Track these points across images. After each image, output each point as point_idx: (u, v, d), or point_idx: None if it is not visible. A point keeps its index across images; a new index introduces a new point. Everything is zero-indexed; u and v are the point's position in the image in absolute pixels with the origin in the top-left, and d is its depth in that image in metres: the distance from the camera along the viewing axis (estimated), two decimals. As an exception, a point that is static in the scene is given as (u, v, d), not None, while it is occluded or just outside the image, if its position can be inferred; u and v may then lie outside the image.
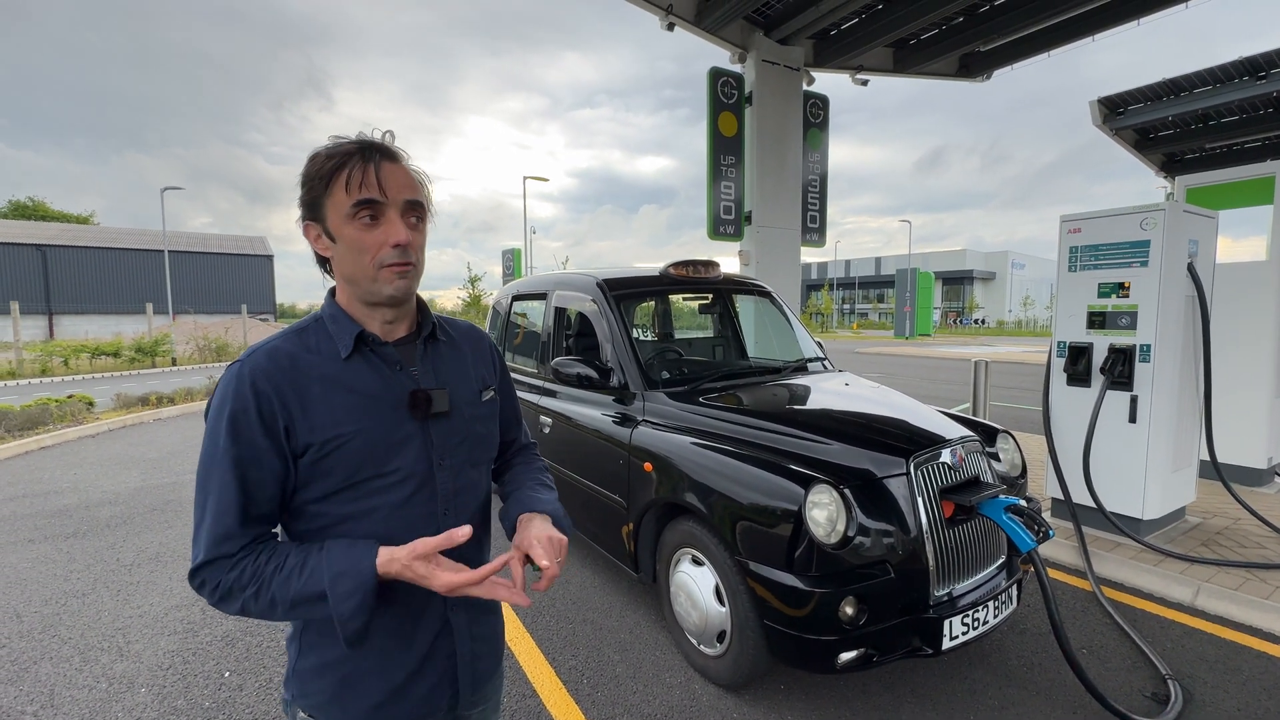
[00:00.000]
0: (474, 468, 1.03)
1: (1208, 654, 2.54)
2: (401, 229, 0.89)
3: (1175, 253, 3.27)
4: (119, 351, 17.74)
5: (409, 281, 0.92)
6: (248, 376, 0.86)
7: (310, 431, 0.87)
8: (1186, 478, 3.65)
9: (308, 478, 0.89)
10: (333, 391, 0.90)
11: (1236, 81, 9.34)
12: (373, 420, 0.91)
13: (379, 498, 0.91)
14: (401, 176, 0.90)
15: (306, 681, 0.94)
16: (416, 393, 0.95)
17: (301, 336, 0.93)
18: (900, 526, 2.10)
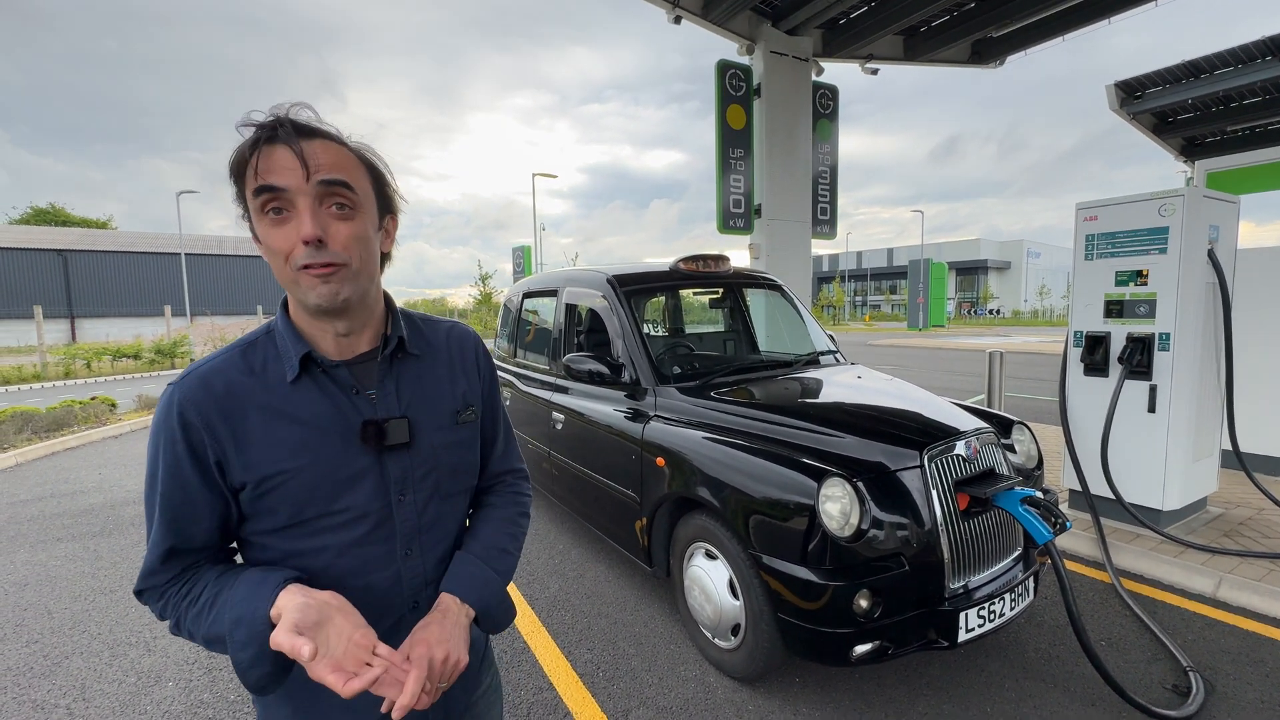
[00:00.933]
0: (444, 500, 0.91)
1: (1230, 646, 2.51)
2: (308, 221, 0.72)
3: (1195, 239, 3.21)
4: (139, 353, 18.08)
5: (335, 286, 0.76)
6: (176, 406, 0.77)
7: (245, 469, 0.77)
8: (1208, 467, 3.59)
9: (251, 512, 0.80)
10: (273, 422, 0.79)
11: (1259, 62, 9.08)
12: (318, 455, 0.80)
13: (328, 536, 0.81)
14: (318, 155, 0.73)
15: (269, 709, 0.87)
16: (368, 424, 0.82)
17: (245, 355, 0.82)
18: (914, 519, 2.09)
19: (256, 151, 0.72)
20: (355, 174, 0.78)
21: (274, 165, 0.72)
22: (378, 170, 0.83)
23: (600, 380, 3.08)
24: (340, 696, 0.70)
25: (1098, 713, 2.12)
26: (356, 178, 0.78)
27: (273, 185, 0.72)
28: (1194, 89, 9.89)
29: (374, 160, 0.82)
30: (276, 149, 0.72)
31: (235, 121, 0.74)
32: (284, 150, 0.72)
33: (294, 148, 0.72)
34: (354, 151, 0.79)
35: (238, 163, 0.74)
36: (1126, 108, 10.68)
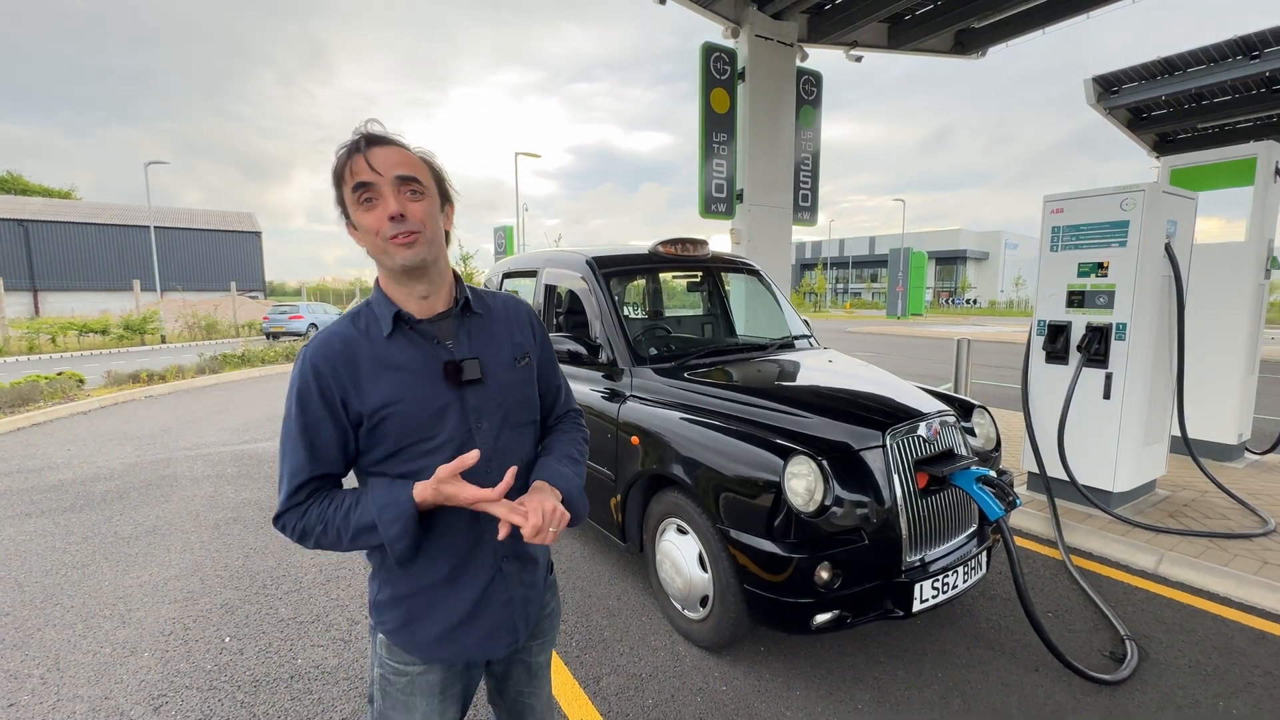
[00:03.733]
0: (514, 429, 1.13)
1: (1166, 617, 2.68)
2: (392, 201, 0.97)
3: (1153, 233, 3.34)
4: (107, 329, 17.61)
5: (416, 250, 1.00)
6: (309, 360, 1.01)
7: (362, 404, 1.01)
8: (1158, 452, 3.77)
9: (367, 444, 1.04)
10: (378, 369, 1.02)
11: (1230, 61, 9.29)
12: (413, 392, 1.03)
13: (425, 460, 1.03)
14: (391, 156, 0.98)
15: (383, 610, 1.11)
16: (448, 363, 1.05)
17: (354, 321, 1.06)
18: (875, 496, 2.18)
19: (347, 162, 0.98)
20: (420, 170, 1.02)
21: (362, 168, 0.97)
22: (436, 169, 1.07)
23: (578, 360, 3.13)
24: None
25: (1040, 678, 2.26)
26: (422, 173, 1.02)
27: (364, 181, 0.97)
28: (1167, 86, 10.09)
29: (433, 161, 1.06)
30: (360, 157, 0.97)
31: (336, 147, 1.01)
32: (376, 153, 0.98)
33: (377, 153, 0.98)
34: (416, 154, 1.03)
35: (337, 172, 1.00)
36: (1103, 102, 10.86)
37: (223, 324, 21.22)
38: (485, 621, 1.12)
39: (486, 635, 1.12)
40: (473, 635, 1.11)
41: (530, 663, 1.25)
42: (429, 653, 1.10)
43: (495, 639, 1.13)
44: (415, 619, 1.09)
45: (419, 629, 1.09)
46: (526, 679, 1.26)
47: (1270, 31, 8.48)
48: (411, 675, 1.11)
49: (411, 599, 1.09)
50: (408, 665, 1.11)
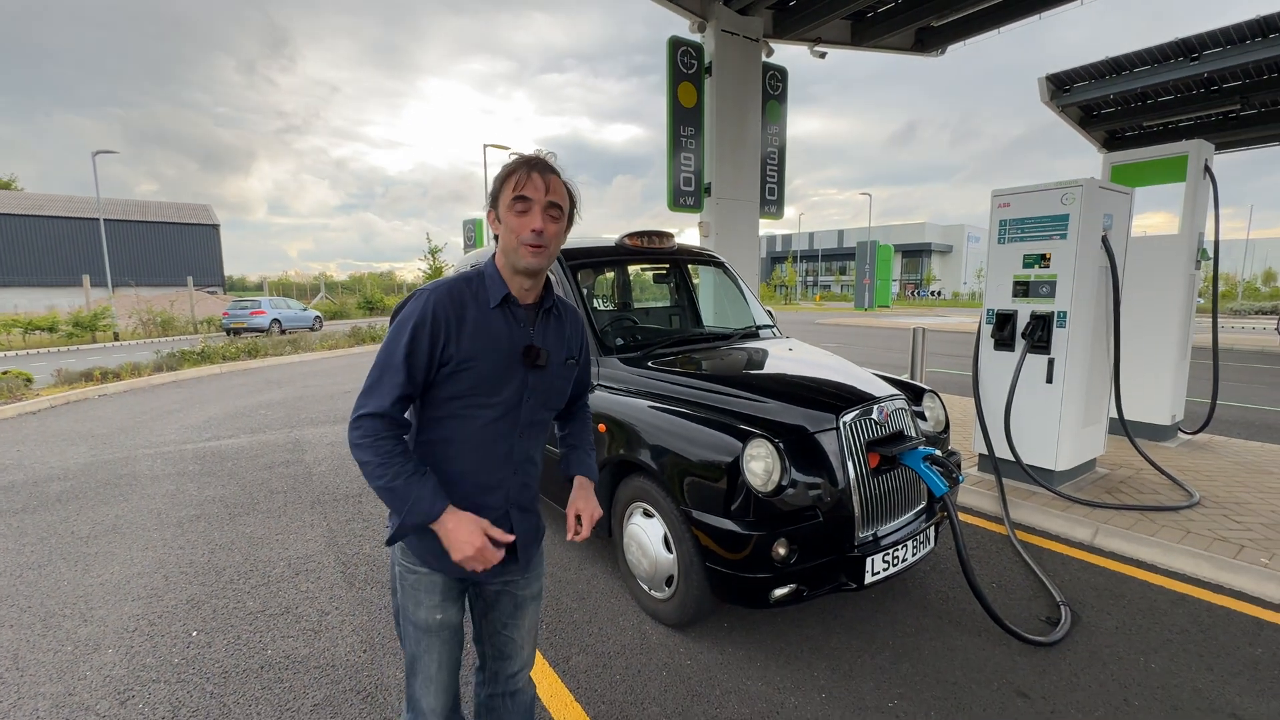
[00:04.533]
0: (546, 410, 1.39)
1: (1098, 584, 2.88)
2: (539, 219, 1.22)
3: (1091, 226, 3.54)
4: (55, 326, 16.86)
5: (540, 260, 1.24)
6: (433, 302, 1.22)
7: (457, 350, 1.22)
8: (1096, 433, 4.01)
9: (446, 380, 1.24)
10: (478, 328, 1.25)
11: (1172, 62, 9.74)
12: (496, 356, 1.26)
13: (482, 412, 1.27)
14: (550, 183, 1.23)
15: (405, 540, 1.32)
16: (531, 347, 1.29)
17: (469, 283, 1.28)
18: (829, 476, 2.30)
19: (517, 173, 1.22)
20: (565, 200, 1.27)
21: (529, 186, 1.22)
22: (575, 198, 1.31)
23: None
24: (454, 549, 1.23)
25: (982, 642, 2.42)
26: (565, 202, 1.27)
27: (525, 195, 1.22)
28: (1115, 85, 10.52)
29: (575, 192, 1.31)
30: (533, 175, 1.22)
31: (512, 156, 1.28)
32: (537, 178, 1.22)
33: (542, 177, 1.23)
34: (566, 183, 1.27)
35: (505, 175, 1.24)
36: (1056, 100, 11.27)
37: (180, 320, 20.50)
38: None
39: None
40: None
41: (517, 595, 1.43)
42: (435, 564, 1.31)
43: (496, 567, 1.33)
44: (427, 532, 1.26)
45: (432, 542, 1.27)
46: (512, 610, 1.44)
47: (1209, 34, 8.94)
48: (419, 575, 1.33)
49: (428, 535, 1.27)
50: (416, 567, 1.32)
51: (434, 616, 1.34)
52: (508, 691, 1.49)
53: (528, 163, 1.24)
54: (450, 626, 1.37)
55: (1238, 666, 2.25)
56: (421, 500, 1.19)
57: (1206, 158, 4.61)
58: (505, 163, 1.28)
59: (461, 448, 1.28)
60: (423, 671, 1.36)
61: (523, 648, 1.48)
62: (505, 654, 1.47)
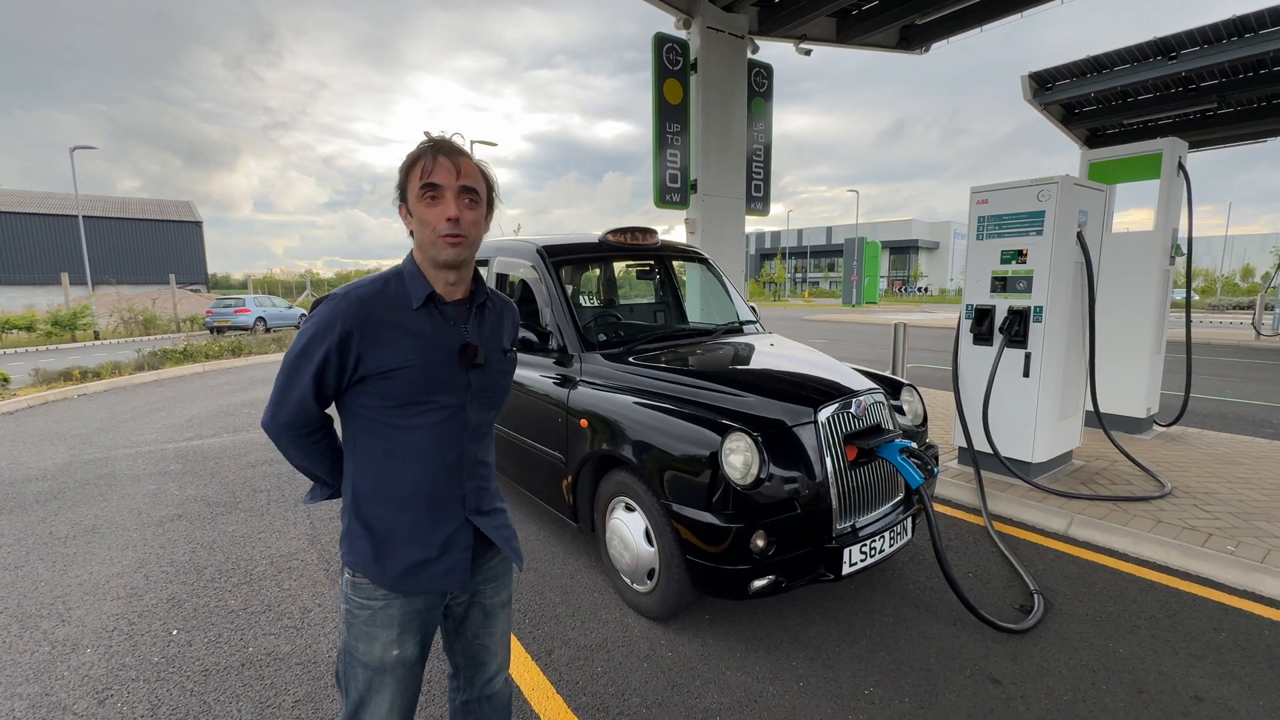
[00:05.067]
0: (491, 409, 1.32)
1: (1071, 572, 2.94)
2: (452, 205, 1.14)
3: (1066, 223, 3.61)
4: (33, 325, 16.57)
5: (460, 250, 1.17)
6: (340, 312, 1.13)
7: (378, 360, 1.15)
8: (1072, 425, 4.09)
9: (374, 390, 1.17)
10: (401, 334, 1.17)
11: (1151, 61, 9.89)
12: (428, 359, 1.18)
13: (423, 418, 1.19)
14: (461, 166, 1.15)
15: (355, 542, 1.23)
16: (468, 345, 1.22)
17: (385, 285, 1.19)
18: (807, 469, 2.34)
19: (422, 159, 1.14)
20: (479, 183, 1.19)
21: (437, 170, 1.13)
22: (491, 182, 1.23)
23: (530, 348, 3.19)
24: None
25: (957, 630, 2.47)
26: (480, 186, 1.19)
27: (434, 183, 1.14)
28: (1096, 83, 10.67)
29: (490, 175, 1.23)
30: (440, 159, 1.14)
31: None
32: (444, 161, 1.14)
33: (450, 160, 1.14)
34: (479, 166, 1.19)
35: (409, 164, 1.16)
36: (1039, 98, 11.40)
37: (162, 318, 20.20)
38: (447, 560, 1.25)
39: (446, 571, 1.26)
40: (435, 570, 1.25)
41: (486, 604, 1.38)
42: (394, 585, 1.22)
43: (453, 575, 1.26)
44: (386, 554, 1.21)
45: (387, 563, 1.21)
46: (483, 620, 1.39)
47: (1186, 34, 9.09)
48: (374, 609, 1.23)
49: (385, 536, 1.22)
50: (371, 600, 1.23)
51: (390, 653, 1.23)
52: (484, 695, 1.45)
53: (433, 146, 1.15)
54: (407, 663, 1.26)
55: (1202, 650, 2.32)
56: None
57: (1180, 155, 4.70)
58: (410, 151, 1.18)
59: (406, 461, 1.19)
60: (370, 714, 1.24)
61: (497, 653, 1.44)
62: (480, 661, 1.42)
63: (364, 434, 1.21)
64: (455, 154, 1.16)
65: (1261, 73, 9.32)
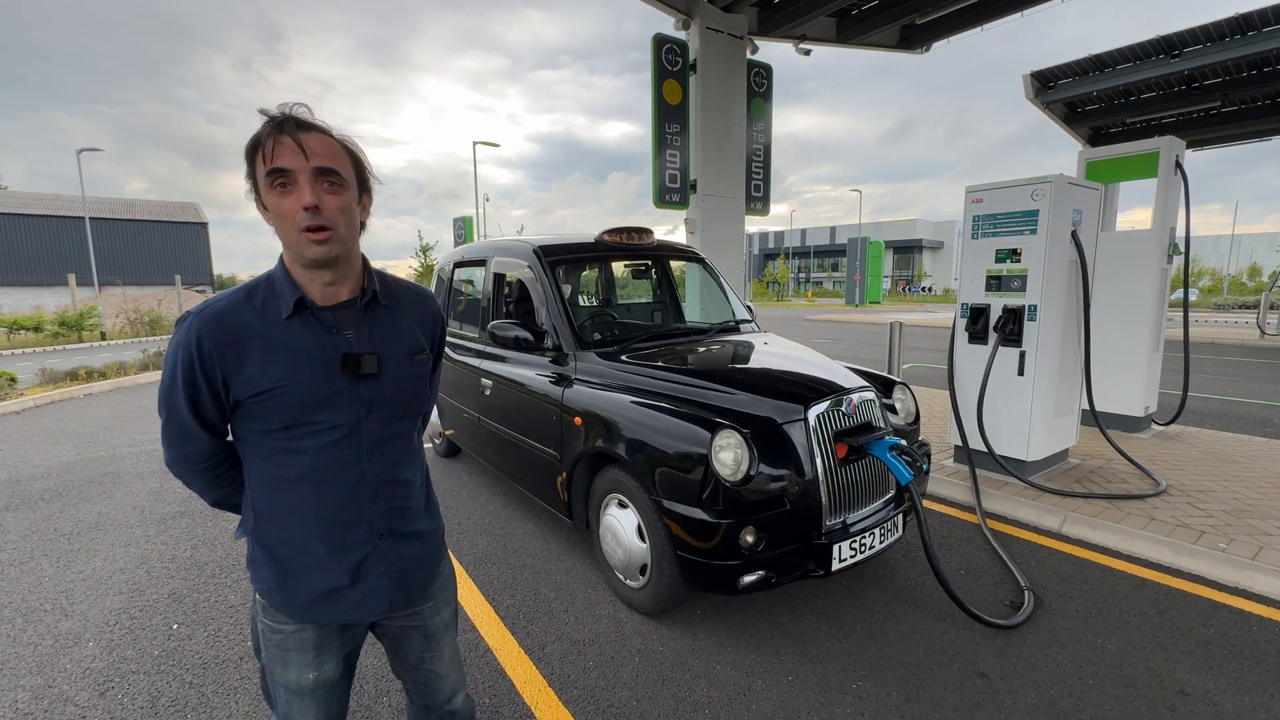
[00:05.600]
0: (401, 419, 1.16)
1: (1063, 569, 2.96)
2: (308, 192, 0.96)
3: (1060, 222, 3.61)
4: (40, 325, 16.70)
5: (328, 248, 1.00)
6: (195, 332, 1.00)
7: (245, 382, 1.02)
8: (1068, 424, 4.09)
9: (251, 415, 1.05)
10: (270, 349, 1.02)
11: (1153, 59, 9.85)
12: (305, 375, 1.03)
13: (311, 439, 1.06)
14: (313, 144, 0.97)
15: (259, 569, 1.14)
16: (347, 356, 1.07)
17: (250, 296, 1.05)
18: (796, 466, 2.36)
19: (264, 141, 0.95)
20: (342, 161, 1.01)
21: (282, 151, 0.95)
22: (358, 158, 1.06)
23: (525, 346, 3.22)
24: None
25: (946, 626, 2.49)
26: (343, 164, 1.01)
27: (281, 167, 0.96)
28: (1098, 82, 10.63)
29: (355, 150, 1.05)
30: (284, 139, 0.95)
31: (257, 116, 0.98)
32: (289, 140, 0.95)
33: (296, 139, 0.96)
34: (339, 142, 1.02)
35: (252, 147, 0.97)
36: (1041, 97, 11.37)
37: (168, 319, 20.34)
38: (361, 589, 1.14)
39: (360, 601, 1.15)
40: (348, 600, 1.14)
41: (426, 626, 1.27)
42: (302, 614, 1.13)
43: (369, 605, 1.16)
44: (290, 582, 1.11)
45: (292, 592, 1.12)
46: (425, 643, 1.28)
47: (1189, 32, 9.05)
48: (285, 634, 1.14)
49: (288, 563, 1.11)
50: (282, 624, 1.14)
51: (306, 677, 1.15)
52: (445, 715, 1.38)
53: (274, 124, 0.96)
54: (327, 685, 1.18)
55: (1190, 646, 2.33)
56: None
57: (1177, 154, 4.69)
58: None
59: (300, 485, 1.08)
60: None
61: (448, 676, 1.34)
62: (431, 686, 1.33)
63: (253, 456, 1.10)
64: (302, 130, 0.97)
65: (1265, 71, 9.27)
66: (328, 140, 1.00)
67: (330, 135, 1.01)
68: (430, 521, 1.26)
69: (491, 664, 2.33)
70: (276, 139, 0.96)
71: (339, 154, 1.01)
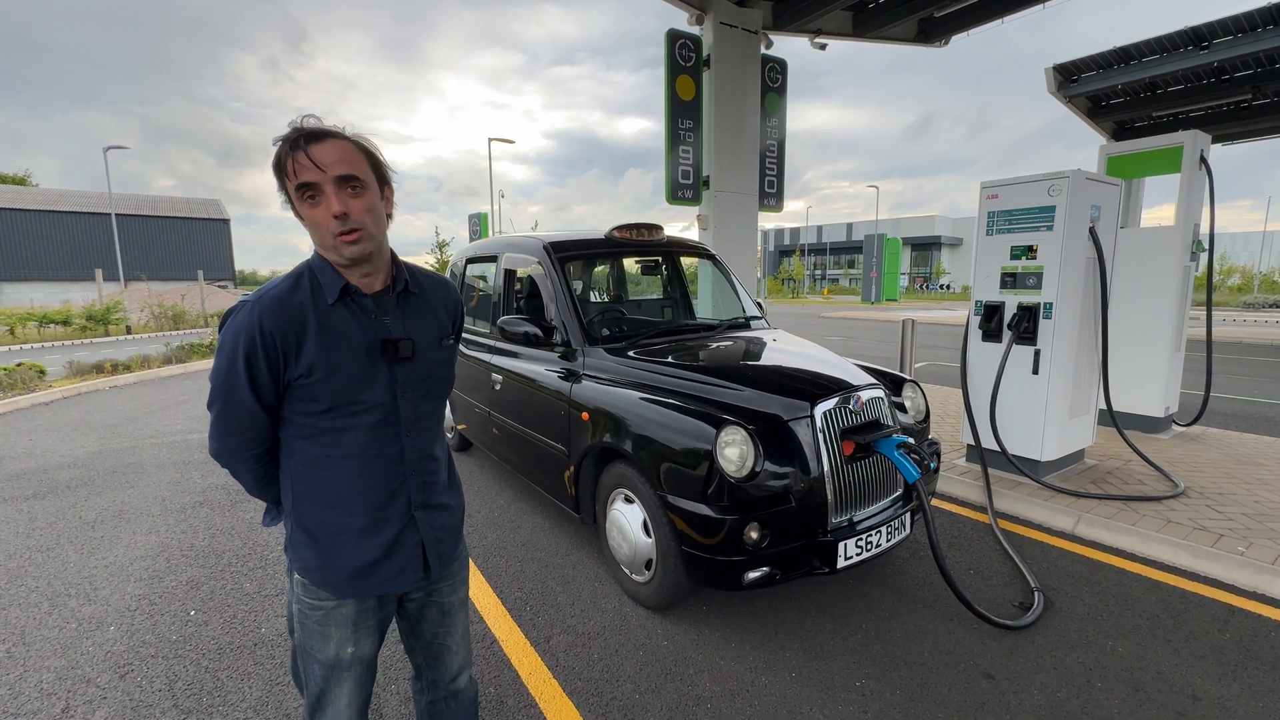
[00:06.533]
0: (431, 400, 1.26)
1: (1075, 571, 2.91)
2: (335, 202, 1.06)
3: (1078, 218, 3.55)
4: (69, 319, 17.15)
5: (361, 246, 1.10)
6: (258, 317, 1.08)
7: (300, 364, 1.10)
8: (1084, 424, 4.02)
9: (302, 397, 1.12)
10: (323, 332, 1.11)
11: (1181, 51, 9.59)
12: (350, 359, 1.13)
13: (355, 419, 1.16)
14: (330, 154, 1.05)
15: (299, 549, 1.21)
16: (386, 341, 1.16)
17: (299, 283, 1.13)
18: (802, 463, 2.35)
19: (286, 159, 1.04)
20: (358, 163, 1.08)
21: (303, 167, 1.04)
22: (374, 155, 1.13)
23: (535, 342, 3.24)
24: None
25: (953, 625, 2.47)
26: (360, 167, 1.09)
27: (307, 182, 1.05)
28: (1124, 75, 10.37)
29: (370, 148, 1.12)
30: (300, 154, 1.03)
31: (275, 137, 1.07)
32: (315, 150, 1.04)
33: (310, 153, 1.03)
34: (353, 142, 1.09)
35: (277, 165, 1.06)
36: (1063, 90, 11.13)
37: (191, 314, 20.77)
38: (397, 561, 1.23)
39: (397, 572, 1.24)
40: (385, 572, 1.22)
41: (443, 603, 1.37)
42: (343, 590, 1.20)
43: (405, 574, 1.25)
44: (330, 559, 1.19)
45: (333, 569, 1.19)
46: (440, 619, 1.37)
47: (1219, 22, 8.80)
48: (326, 609, 1.21)
49: (328, 541, 1.19)
50: (322, 600, 1.21)
51: (346, 650, 1.23)
52: (450, 694, 1.45)
53: (290, 142, 1.04)
54: (363, 661, 1.26)
55: (1203, 650, 2.29)
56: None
57: (1202, 148, 4.58)
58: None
59: (344, 463, 1.16)
60: (331, 709, 1.25)
61: (458, 652, 1.43)
62: (442, 661, 1.41)
63: (296, 439, 1.17)
64: (317, 140, 1.04)
65: (1298, 62, 8.98)
66: (342, 145, 1.07)
67: (343, 137, 1.08)
68: (454, 496, 1.36)
69: (498, 654, 2.36)
70: (294, 156, 1.04)
71: (355, 157, 1.08)
